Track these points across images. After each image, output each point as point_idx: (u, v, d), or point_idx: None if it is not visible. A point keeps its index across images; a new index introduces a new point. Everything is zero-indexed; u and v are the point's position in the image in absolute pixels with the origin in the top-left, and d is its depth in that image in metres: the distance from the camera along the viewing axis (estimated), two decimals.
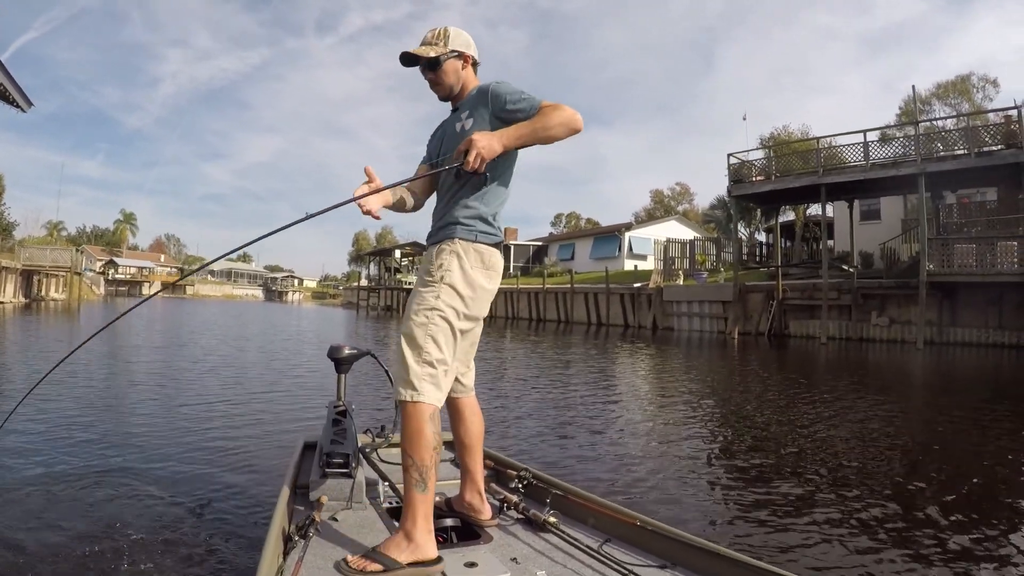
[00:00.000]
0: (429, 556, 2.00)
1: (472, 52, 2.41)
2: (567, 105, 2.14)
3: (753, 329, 21.13)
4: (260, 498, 3.67)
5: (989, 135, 16.87)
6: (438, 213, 2.37)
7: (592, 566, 2.08)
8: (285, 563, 1.95)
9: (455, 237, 2.23)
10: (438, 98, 2.43)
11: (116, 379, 8.07)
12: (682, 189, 66.36)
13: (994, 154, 16.30)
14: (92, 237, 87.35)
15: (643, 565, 2.08)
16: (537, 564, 2.09)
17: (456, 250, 2.22)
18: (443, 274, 2.19)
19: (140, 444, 4.86)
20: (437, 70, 2.34)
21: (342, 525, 2.33)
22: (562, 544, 2.25)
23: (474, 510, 2.47)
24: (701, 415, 7.32)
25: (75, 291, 40.91)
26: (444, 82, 2.36)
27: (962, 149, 17.03)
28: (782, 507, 4.01)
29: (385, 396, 6.88)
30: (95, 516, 3.28)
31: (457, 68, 2.37)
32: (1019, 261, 15.65)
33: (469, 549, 2.19)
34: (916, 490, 4.47)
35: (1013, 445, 5.93)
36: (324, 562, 2.00)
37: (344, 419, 2.69)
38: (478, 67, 2.47)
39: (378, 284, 51.18)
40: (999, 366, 13.58)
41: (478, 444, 2.51)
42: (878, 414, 7.42)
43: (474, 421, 2.49)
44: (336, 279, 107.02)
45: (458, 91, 2.40)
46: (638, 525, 2.27)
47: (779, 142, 26.65)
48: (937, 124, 22.25)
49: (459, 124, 2.32)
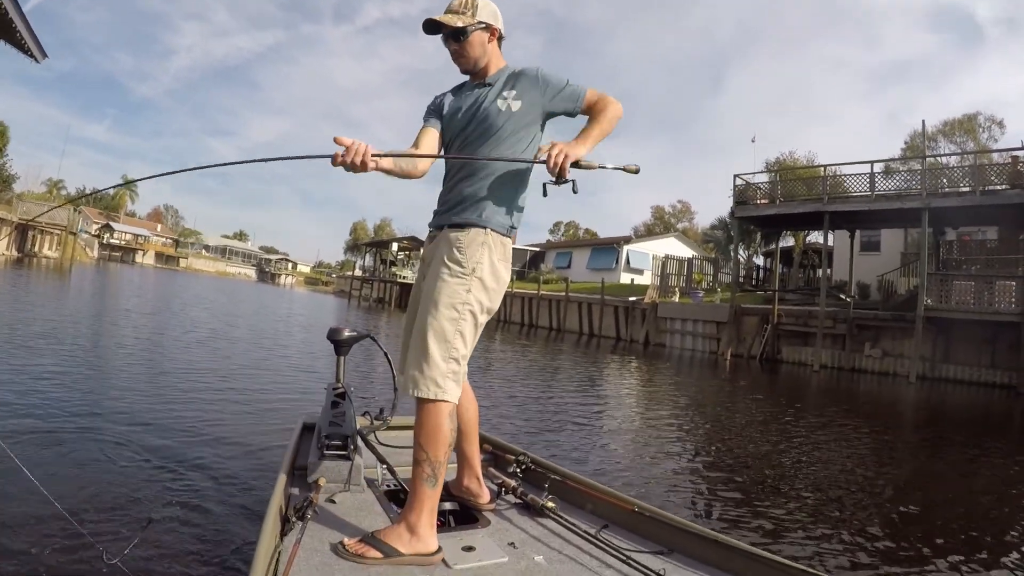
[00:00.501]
0: (430, 549, 1.97)
1: (499, 25, 2.29)
2: (607, 95, 2.17)
3: (745, 352, 21.07)
4: (258, 479, 3.66)
5: (995, 174, 16.87)
6: (463, 187, 2.20)
7: (589, 551, 2.09)
8: (283, 544, 1.94)
9: (488, 227, 2.14)
10: (459, 71, 2.32)
11: (111, 356, 7.82)
12: (683, 207, 66.48)
13: (999, 193, 16.30)
14: (91, 200, 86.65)
15: (640, 551, 2.09)
16: (535, 549, 2.09)
17: (488, 242, 2.13)
18: (475, 266, 2.10)
19: (135, 422, 4.70)
20: (462, 41, 2.22)
21: (340, 507, 2.31)
22: (560, 529, 2.25)
23: (472, 494, 2.46)
24: (695, 419, 7.36)
25: (68, 251, 40.64)
26: (469, 55, 2.24)
27: (967, 186, 17.04)
28: (773, 498, 4.22)
29: (383, 380, 6.84)
30: (89, 498, 3.18)
31: (483, 41, 2.25)
32: (1016, 301, 15.63)
33: (467, 533, 2.19)
34: (898, 490, 4.86)
35: (998, 479, 6.03)
36: (322, 544, 1.99)
37: (343, 401, 2.66)
38: (503, 42, 2.35)
39: (372, 275, 50.95)
40: (990, 405, 13.60)
41: (474, 429, 2.49)
42: (868, 439, 7.48)
43: (469, 406, 2.46)
44: (330, 266, 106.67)
45: (483, 65, 2.28)
46: (636, 511, 2.28)
47: (784, 167, 26.63)
48: (943, 160, 22.25)
49: (503, 103, 2.19)
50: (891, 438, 8.04)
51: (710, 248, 41.74)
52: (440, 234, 2.22)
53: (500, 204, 2.17)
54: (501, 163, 2.14)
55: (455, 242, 2.13)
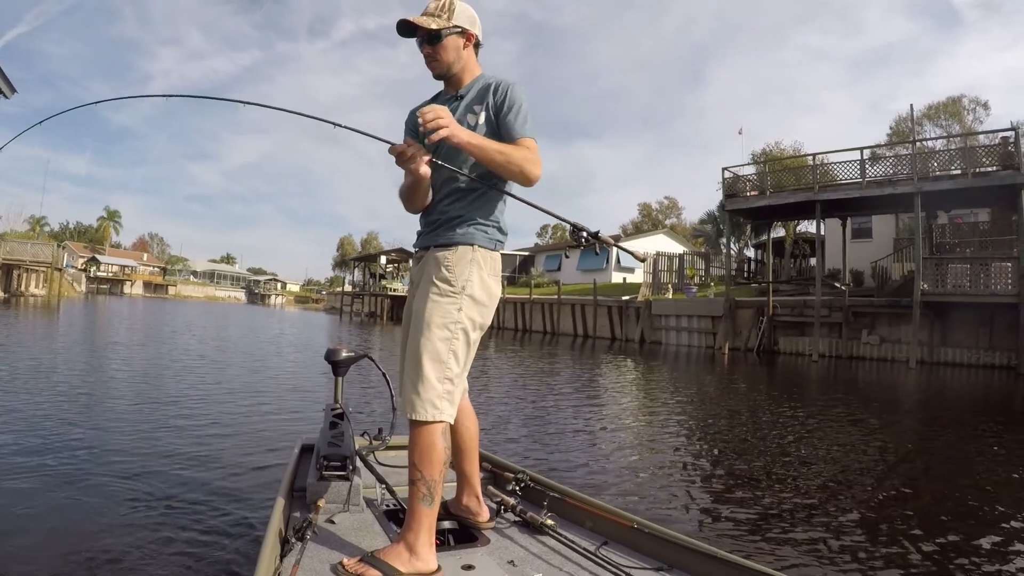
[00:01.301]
0: (430, 569, 1.95)
1: (476, 31, 2.22)
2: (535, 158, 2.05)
3: (742, 345, 20.94)
4: (257, 500, 3.66)
5: (986, 155, 16.87)
6: (446, 206, 2.18)
7: (589, 569, 2.07)
8: (282, 566, 1.93)
9: (474, 244, 2.12)
10: (432, 75, 2.24)
11: (103, 388, 7.78)
12: (670, 203, 66.27)
13: (991, 175, 16.31)
14: (75, 234, 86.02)
15: (640, 568, 2.08)
16: (534, 567, 2.08)
17: (477, 259, 2.11)
18: (464, 284, 2.08)
19: (134, 446, 4.76)
20: (436, 45, 2.15)
21: (339, 528, 2.30)
22: (559, 547, 2.24)
23: (471, 513, 2.45)
24: (695, 426, 7.23)
25: (55, 287, 40.32)
26: (442, 59, 2.17)
27: (958, 169, 17.06)
28: (774, 512, 4.14)
29: (381, 400, 6.80)
30: (90, 520, 3.23)
31: (458, 46, 2.18)
32: (1013, 282, 15.60)
33: (466, 552, 2.17)
34: (904, 501, 4.65)
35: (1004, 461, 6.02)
36: (321, 565, 1.97)
37: (341, 422, 2.68)
38: (480, 49, 2.28)
39: (362, 290, 50.55)
40: (990, 386, 13.54)
41: (474, 447, 2.47)
42: (876, 430, 7.39)
43: (469, 425, 2.44)
44: (319, 284, 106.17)
45: (456, 71, 2.21)
46: (635, 528, 2.26)
47: (772, 158, 26.53)
48: (931, 144, 22.19)
49: (472, 117, 2.15)
50: (905, 433, 7.89)
51: (700, 243, 41.67)
52: (427, 254, 2.19)
53: (485, 220, 2.16)
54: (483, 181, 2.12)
55: (443, 261, 2.11)
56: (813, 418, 8.04)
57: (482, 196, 2.16)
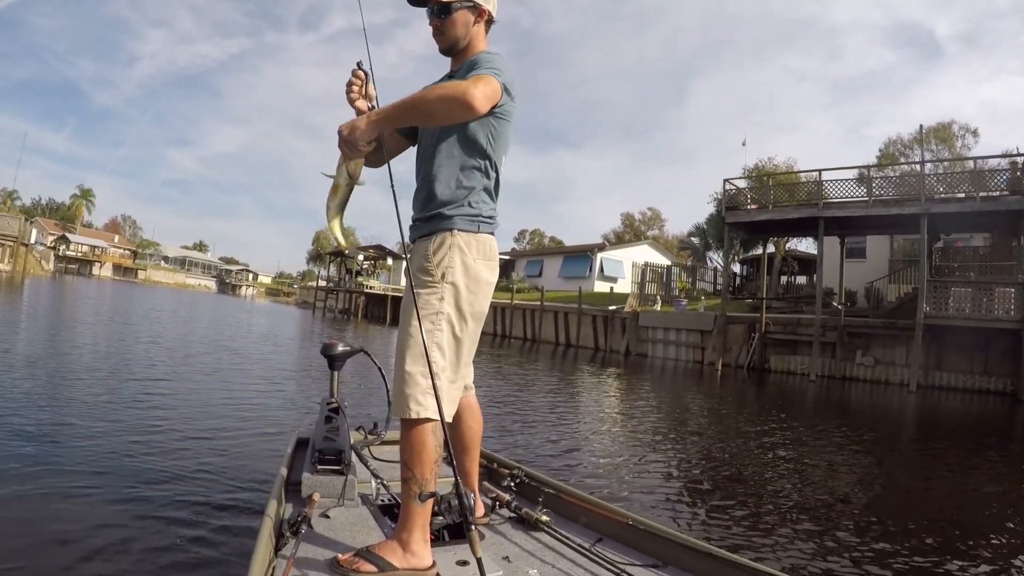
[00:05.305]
0: (425, 564, 1.92)
1: (489, 7, 2.13)
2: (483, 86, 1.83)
3: (732, 361, 20.46)
4: (251, 494, 3.66)
5: (994, 179, 16.74)
6: (425, 192, 2.08)
7: (584, 565, 2.06)
8: (277, 560, 1.92)
9: (453, 228, 2.02)
10: (439, 50, 2.15)
11: (94, 373, 7.49)
12: (653, 214, 65.95)
13: (999, 199, 16.16)
14: (47, 210, 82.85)
15: (635, 564, 2.07)
16: (529, 563, 2.07)
17: (457, 243, 2.01)
18: (444, 271, 1.99)
19: (127, 439, 4.70)
20: (445, 18, 2.07)
21: (334, 522, 2.29)
22: (554, 543, 2.23)
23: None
24: (697, 439, 7.22)
25: (20, 263, 38.99)
26: (449, 33, 2.08)
27: (961, 192, 16.87)
28: (770, 512, 4.33)
29: (377, 394, 6.84)
30: (84, 514, 3.20)
31: (468, 21, 2.09)
32: (1016, 308, 15.40)
33: (461, 547, 2.12)
34: (901, 502, 5.00)
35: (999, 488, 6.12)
36: (316, 559, 1.96)
37: (337, 416, 2.65)
38: (492, 26, 2.19)
39: (337, 285, 49.33)
40: (993, 411, 13.50)
41: (476, 445, 2.42)
42: (877, 451, 7.58)
43: (472, 424, 2.38)
44: (291, 277, 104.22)
45: (462, 47, 2.11)
46: (630, 524, 2.26)
47: (765, 173, 26.13)
48: (934, 166, 22.02)
49: None
50: (913, 455, 7.92)
51: (685, 255, 41.32)
52: (414, 247, 2.13)
53: (464, 201, 2.04)
54: (452, 159, 2.03)
55: (422, 251, 2.06)
56: (811, 436, 8.14)
57: (458, 176, 2.04)
